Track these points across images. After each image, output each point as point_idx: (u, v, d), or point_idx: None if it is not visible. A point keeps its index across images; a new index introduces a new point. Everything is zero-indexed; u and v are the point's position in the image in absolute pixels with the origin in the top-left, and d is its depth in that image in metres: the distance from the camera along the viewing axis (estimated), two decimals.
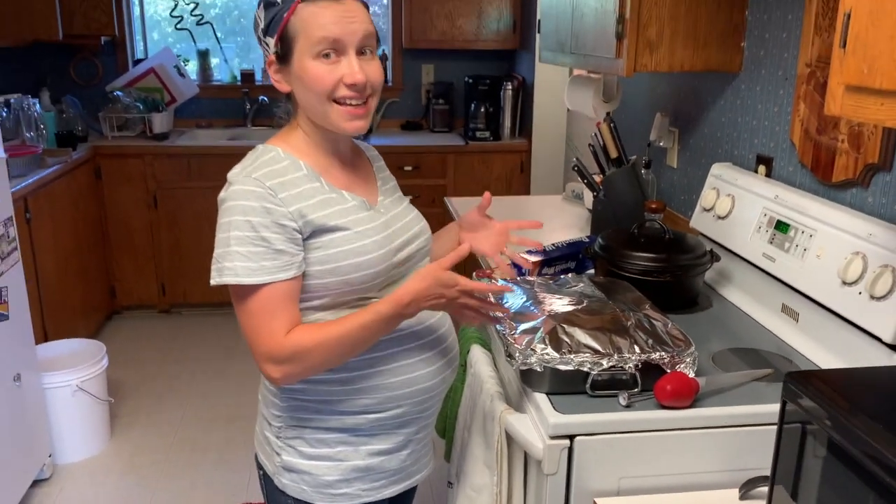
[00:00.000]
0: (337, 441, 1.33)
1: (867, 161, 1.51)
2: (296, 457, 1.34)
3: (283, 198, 1.21)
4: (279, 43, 1.23)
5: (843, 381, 1.00)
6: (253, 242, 1.19)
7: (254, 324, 1.22)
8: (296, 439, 1.34)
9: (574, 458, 1.28)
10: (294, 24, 1.21)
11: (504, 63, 4.68)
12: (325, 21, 1.19)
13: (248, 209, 1.19)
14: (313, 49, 1.20)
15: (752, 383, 1.40)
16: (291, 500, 1.35)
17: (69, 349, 2.97)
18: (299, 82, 1.24)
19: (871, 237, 1.41)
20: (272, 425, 1.37)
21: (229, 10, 4.71)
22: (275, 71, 1.27)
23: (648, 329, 1.39)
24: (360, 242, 1.26)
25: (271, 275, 1.20)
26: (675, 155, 2.36)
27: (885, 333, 1.32)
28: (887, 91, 0.97)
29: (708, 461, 1.32)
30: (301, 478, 1.34)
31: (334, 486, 1.34)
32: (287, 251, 1.21)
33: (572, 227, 2.47)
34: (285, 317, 1.21)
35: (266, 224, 1.19)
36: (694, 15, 1.90)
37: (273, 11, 1.23)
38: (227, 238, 1.20)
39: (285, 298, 1.22)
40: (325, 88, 1.22)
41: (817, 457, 0.97)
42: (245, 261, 1.19)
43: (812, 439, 0.98)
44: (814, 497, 0.98)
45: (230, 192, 1.22)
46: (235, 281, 1.19)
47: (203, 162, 4.04)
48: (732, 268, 1.85)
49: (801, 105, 1.71)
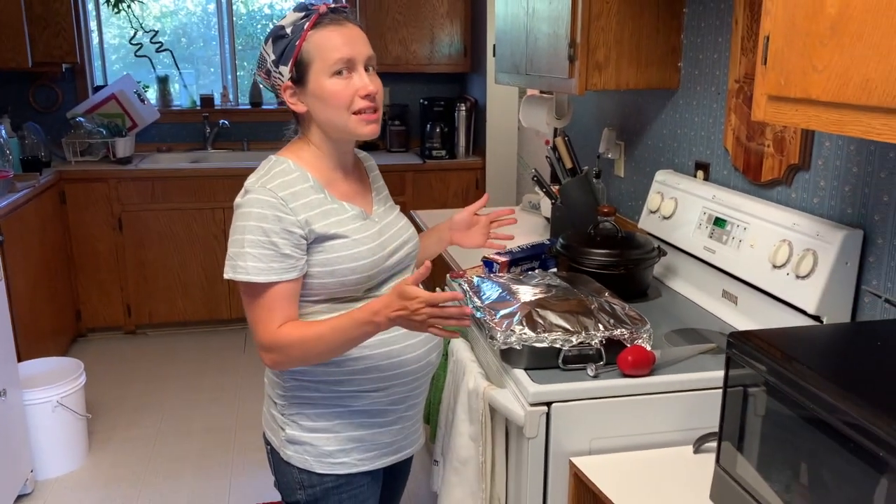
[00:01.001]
0: (334, 415, 1.50)
1: (790, 162, 1.75)
2: (298, 430, 1.50)
3: (293, 207, 1.38)
4: (294, 68, 1.41)
5: (776, 336, 1.21)
6: (264, 246, 1.36)
7: (256, 315, 1.40)
8: (297, 415, 1.50)
9: (551, 423, 1.47)
10: (307, 49, 1.39)
11: (456, 85, 4.91)
12: (337, 43, 1.39)
13: (262, 216, 1.37)
14: (330, 69, 1.39)
15: (700, 356, 1.62)
16: (296, 469, 1.52)
17: (46, 367, 3.04)
18: (317, 100, 1.42)
19: (794, 226, 1.65)
20: (277, 403, 1.53)
21: (178, 38, 4.83)
22: (290, 94, 1.44)
23: (609, 311, 1.60)
24: (357, 249, 1.44)
25: (278, 275, 1.37)
26: (623, 165, 2.60)
27: (809, 306, 1.55)
28: (799, 99, 1.19)
29: (666, 422, 1.52)
30: (304, 448, 1.50)
31: (334, 456, 1.50)
32: (292, 255, 1.38)
33: (532, 234, 2.68)
34: (282, 312, 1.39)
35: (276, 231, 1.37)
36: (637, 39, 2.14)
37: (284, 42, 1.40)
38: (241, 240, 1.37)
39: (286, 296, 1.40)
40: (344, 102, 1.40)
41: (758, 415, 1.17)
42: (256, 261, 1.36)
43: (753, 399, 1.18)
44: (756, 447, 1.18)
45: (246, 200, 1.39)
46: (247, 279, 1.37)
47: (166, 184, 4.14)
48: (678, 262, 2.08)
49: (732, 116, 1.95)
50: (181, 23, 4.84)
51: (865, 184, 1.54)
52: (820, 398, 1.02)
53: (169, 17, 4.80)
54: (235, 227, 1.40)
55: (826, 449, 1.02)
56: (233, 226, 1.41)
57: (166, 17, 4.79)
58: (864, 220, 1.55)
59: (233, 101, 4.88)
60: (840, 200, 1.62)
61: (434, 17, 4.49)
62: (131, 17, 4.60)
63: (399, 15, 4.45)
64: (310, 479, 1.52)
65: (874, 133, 1.05)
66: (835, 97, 1.11)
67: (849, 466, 0.98)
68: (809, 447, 1.05)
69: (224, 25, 4.80)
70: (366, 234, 1.46)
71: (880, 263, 1.51)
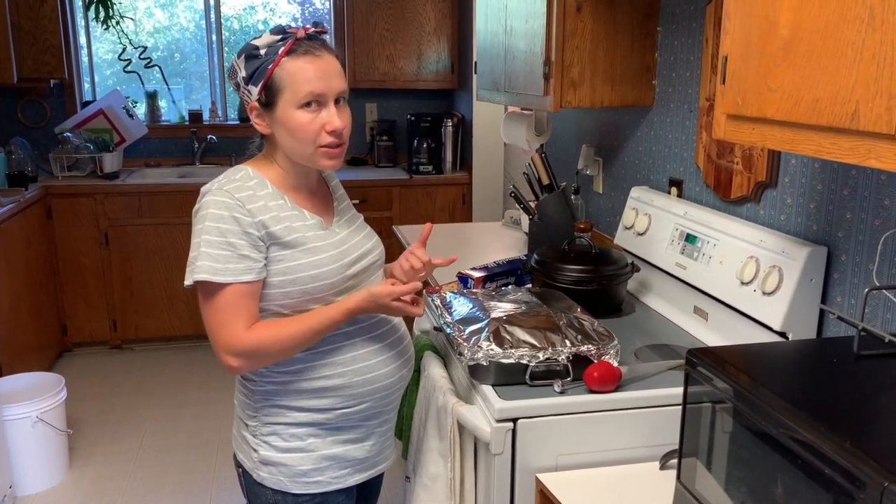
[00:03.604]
0: (308, 434, 1.49)
1: (758, 179, 1.77)
2: (271, 451, 1.49)
3: (250, 209, 1.39)
4: (263, 92, 1.40)
5: (733, 353, 1.22)
6: (220, 247, 1.37)
7: (218, 319, 1.39)
8: (271, 436, 1.50)
9: (517, 439, 1.47)
10: (279, 76, 1.38)
11: (444, 101, 4.94)
12: (310, 76, 1.38)
13: (218, 217, 1.37)
14: (299, 101, 1.39)
15: (668, 372, 1.62)
16: (269, 490, 1.51)
17: (27, 382, 3.02)
18: (283, 128, 1.41)
19: (762, 243, 1.66)
20: (248, 425, 1.52)
21: (171, 53, 4.86)
22: (256, 115, 1.44)
23: (578, 327, 1.61)
24: (317, 257, 1.44)
25: (235, 276, 1.37)
26: (601, 181, 2.62)
27: (775, 322, 1.57)
28: (756, 118, 1.21)
29: (633, 438, 1.53)
30: (278, 469, 1.49)
31: (308, 475, 1.50)
32: (250, 256, 1.38)
33: (512, 249, 2.69)
34: (246, 314, 1.39)
35: (234, 231, 1.37)
36: (611, 57, 2.16)
37: (257, 63, 1.39)
38: (198, 242, 1.38)
39: (247, 298, 1.39)
40: (310, 136, 1.41)
41: (716, 432, 1.17)
42: (213, 261, 1.36)
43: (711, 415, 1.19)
44: (715, 464, 1.18)
45: (203, 203, 1.40)
46: (204, 278, 1.36)
47: (153, 199, 4.15)
48: (651, 277, 2.09)
49: (704, 134, 1.97)
50: (174, 38, 4.87)
51: (829, 201, 1.56)
52: (771, 415, 1.02)
53: (162, 33, 4.83)
54: (194, 230, 1.40)
55: (780, 466, 1.02)
56: (192, 232, 1.41)
57: (159, 32, 4.82)
58: (828, 237, 1.57)
59: (221, 117, 4.90)
60: (805, 217, 1.63)
61: (421, 33, 4.52)
62: (119, 34, 4.63)
63: (387, 31, 4.48)
64: (284, 499, 1.51)
65: (824, 152, 1.07)
66: (787, 116, 1.13)
67: (798, 484, 0.98)
68: (764, 464, 1.06)
69: (213, 41, 4.83)
70: (326, 243, 1.47)
71: (844, 280, 1.52)
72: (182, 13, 4.84)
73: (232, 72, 1.46)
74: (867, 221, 1.46)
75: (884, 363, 1.15)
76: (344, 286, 1.48)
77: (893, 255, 1.40)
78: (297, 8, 4.98)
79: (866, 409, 1.02)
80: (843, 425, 0.94)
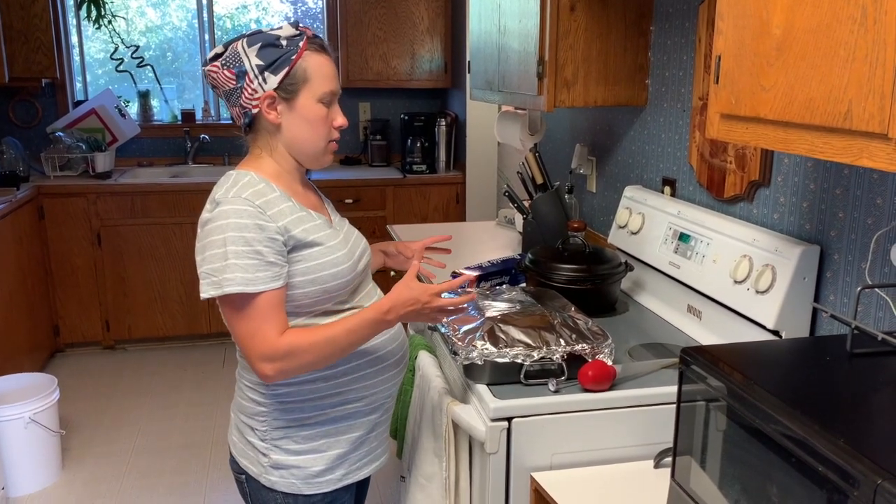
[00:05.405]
0: (320, 435, 1.49)
1: (751, 178, 1.77)
2: (284, 455, 1.49)
3: (270, 215, 1.38)
4: (283, 81, 1.40)
5: (726, 352, 1.23)
6: (248, 256, 1.34)
7: (250, 328, 1.36)
8: (282, 439, 1.49)
9: (512, 438, 1.48)
10: (304, 67, 1.41)
11: (437, 101, 4.94)
12: (329, 74, 1.44)
13: (242, 226, 1.34)
14: (319, 96, 1.43)
15: (662, 370, 1.63)
16: (280, 494, 1.50)
17: (19, 383, 3.01)
18: (302, 119, 1.43)
19: (755, 242, 1.67)
20: (256, 430, 1.50)
21: (163, 52, 4.85)
22: (269, 105, 1.42)
23: (572, 326, 1.61)
24: (334, 255, 1.45)
25: (266, 284, 1.35)
26: (595, 180, 2.62)
27: (768, 321, 1.57)
28: (749, 117, 1.22)
29: (627, 437, 1.53)
30: (290, 472, 1.49)
31: (321, 475, 1.50)
32: (276, 263, 1.37)
33: (506, 249, 2.69)
34: (276, 320, 1.37)
35: (259, 239, 1.35)
36: (605, 57, 2.17)
37: (278, 52, 1.39)
38: (223, 253, 1.33)
39: (277, 304, 1.37)
40: (327, 130, 1.47)
41: (710, 430, 1.18)
42: (243, 272, 1.33)
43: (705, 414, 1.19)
44: (709, 462, 1.19)
45: (219, 212, 1.36)
46: (238, 290, 1.33)
47: (146, 199, 4.13)
48: (645, 276, 2.10)
49: (697, 133, 1.98)
50: (166, 37, 4.86)
51: (822, 200, 1.57)
52: (765, 413, 1.03)
53: (154, 32, 4.82)
54: (210, 241, 1.35)
55: (774, 464, 1.03)
56: (204, 242, 1.36)
57: (152, 31, 4.81)
58: (821, 235, 1.57)
59: (214, 116, 4.88)
60: (798, 216, 1.64)
61: (415, 33, 4.52)
62: (111, 33, 4.61)
63: (380, 31, 4.47)
64: (296, 501, 1.50)
65: (817, 151, 1.07)
66: (781, 116, 1.13)
67: (792, 481, 0.99)
68: (758, 462, 1.06)
69: (206, 40, 4.82)
70: (337, 241, 1.48)
71: (837, 278, 1.53)
72: (174, 12, 4.83)
73: (232, 60, 1.40)
74: (860, 220, 1.47)
75: (876, 361, 1.15)
76: (355, 283, 1.50)
77: (886, 254, 1.41)
78: (289, 7, 4.97)
79: (860, 407, 1.03)
80: (836, 423, 0.95)
